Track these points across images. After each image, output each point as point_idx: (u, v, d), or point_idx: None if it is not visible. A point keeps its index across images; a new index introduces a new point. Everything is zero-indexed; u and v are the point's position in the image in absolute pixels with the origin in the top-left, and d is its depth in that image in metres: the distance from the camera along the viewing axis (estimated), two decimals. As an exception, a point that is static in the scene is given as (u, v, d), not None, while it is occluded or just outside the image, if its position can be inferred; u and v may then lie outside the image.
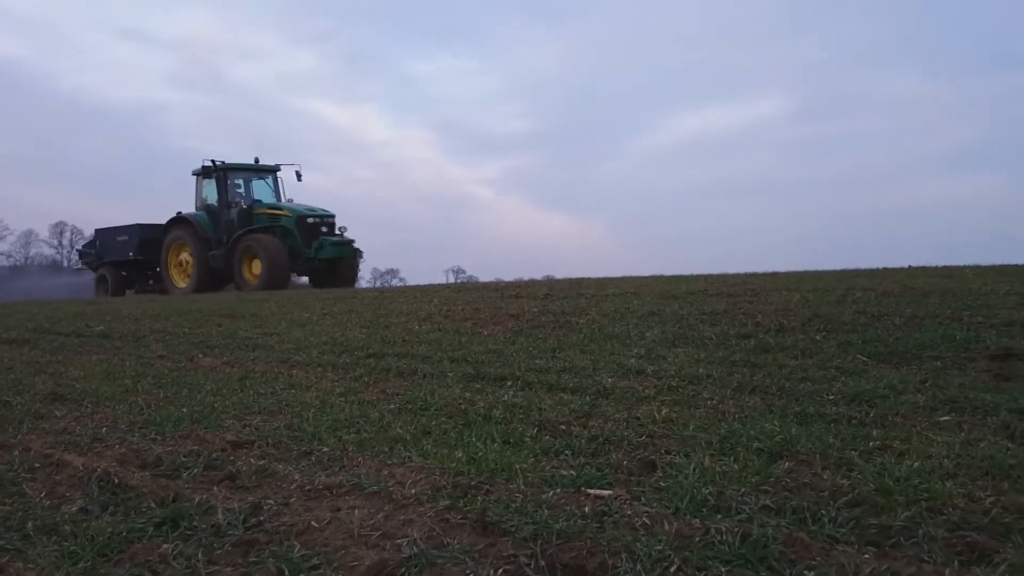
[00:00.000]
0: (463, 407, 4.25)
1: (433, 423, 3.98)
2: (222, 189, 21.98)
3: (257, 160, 22.85)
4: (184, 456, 3.51)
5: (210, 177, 22.11)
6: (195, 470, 3.31)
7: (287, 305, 11.21)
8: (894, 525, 2.28)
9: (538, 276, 19.66)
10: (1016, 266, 9.45)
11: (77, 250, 27.87)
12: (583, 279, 13.10)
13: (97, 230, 26.51)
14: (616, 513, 2.51)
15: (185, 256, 22.38)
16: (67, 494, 3.09)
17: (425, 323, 7.97)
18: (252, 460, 3.41)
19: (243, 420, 4.30)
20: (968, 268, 9.53)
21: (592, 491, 2.77)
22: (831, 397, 3.99)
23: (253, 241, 20.36)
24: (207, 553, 2.42)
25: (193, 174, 22.91)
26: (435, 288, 13.25)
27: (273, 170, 23.00)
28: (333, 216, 21.60)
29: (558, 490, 2.78)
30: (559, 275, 17.50)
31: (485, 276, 21.50)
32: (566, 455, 3.28)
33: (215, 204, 21.98)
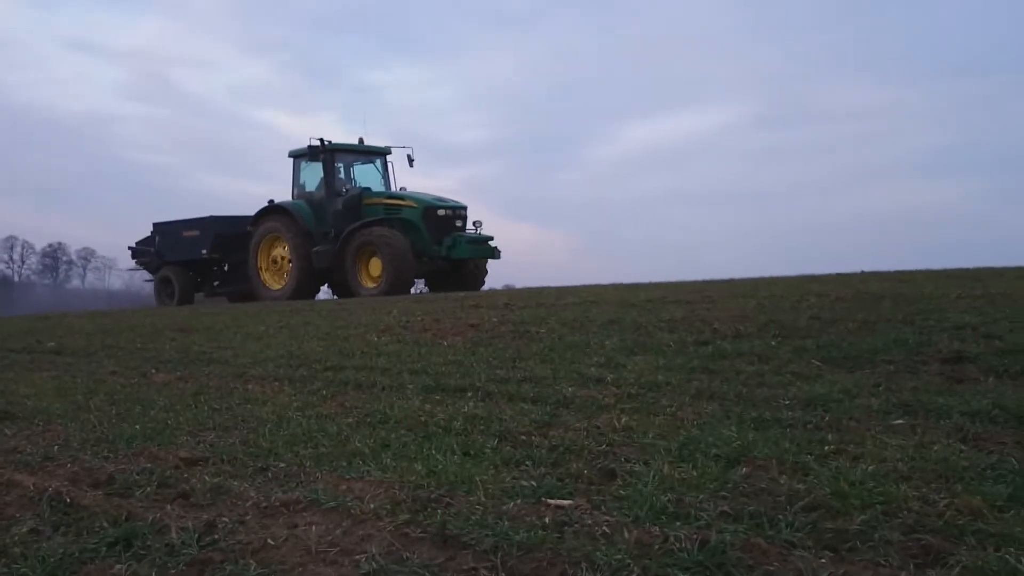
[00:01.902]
0: (423, 419, 4.23)
1: (392, 436, 3.95)
2: (329, 174, 18.24)
3: (361, 140, 18.95)
4: (137, 474, 3.44)
5: (316, 159, 18.32)
6: (148, 488, 3.24)
7: (242, 318, 11.07)
8: (850, 529, 2.31)
9: (498, 286, 19.68)
10: (967, 270, 9.66)
11: (131, 248, 22.80)
12: (543, 288, 13.13)
13: (156, 224, 22.08)
14: (576, 523, 2.50)
15: (279, 253, 18.58)
16: (17, 515, 3.01)
17: (384, 334, 7.92)
18: (206, 477, 3.35)
19: (197, 436, 4.23)
20: (920, 273, 9.72)
21: (552, 501, 2.76)
22: (787, 402, 4.03)
23: (373, 236, 16.53)
24: (161, 573, 2.37)
25: (290, 155, 19.23)
26: (394, 298, 13.19)
27: (383, 152, 19.25)
28: (466, 208, 17.84)
29: (519, 501, 2.78)
30: (519, 284, 17.61)
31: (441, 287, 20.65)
32: (527, 466, 3.27)
33: (318, 191, 18.37)
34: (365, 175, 19.06)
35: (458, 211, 17.49)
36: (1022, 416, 3.40)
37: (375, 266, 16.65)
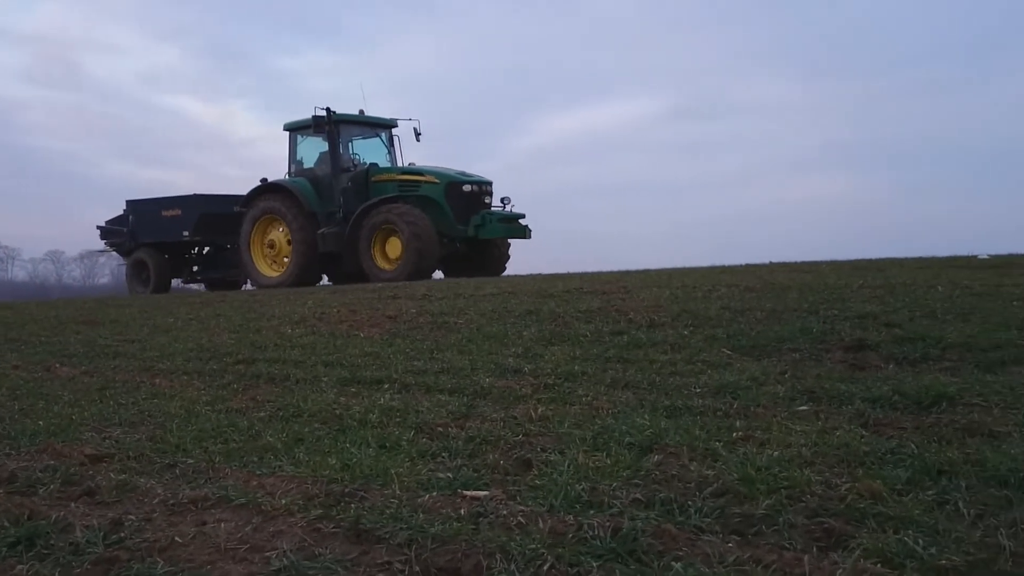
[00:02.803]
0: (338, 412, 4.18)
1: (306, 430, 3.89)
2: (335, 147, 16.32)
3: (362, 112, 17.01)
4: (40, 471, 3.31)
5: (320, 131, 16.32)
6: (52, 486, 3.13)
7: (150, 310, 10.75)
8: (756, 513, 2.38)
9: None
10: (869, 261, 10.02)
11: (100, 228, 20.49)
12: (461, 279, 13.10)
13: (130, 202, 19.94)
14: (492, 514, 2.51)
15: (277, 236, 16.72)
16: (-94, 520, 2.86)
17: (298, 326, 7.80)
18: (112, 474, 3.25)
19: (103, 432, 4.10)
20: (825, 264, 10.04)
21: (468, 493, 2.77)
22: (698, 390, 4.12)
23: (393, 215, 14.86)
24: (65, 573, 2.30)
25: (287, 129, 17.28)
26: (309, 290, 12.98)
27: (390, 125, 17.44)
28: (492, 183, 16.02)
29: (434, 493, 2.77)
30: (437, 275, 17.41)
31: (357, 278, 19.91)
32: (443, 457, 3.27)
33: (321, 168, 16.64)
34: (369, 150, 17.36)
35: (484, 186, 15.84)
36: (921, 402, 3.54)
37: (393, 247, 15.11)
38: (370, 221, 15.19)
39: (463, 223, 15.22)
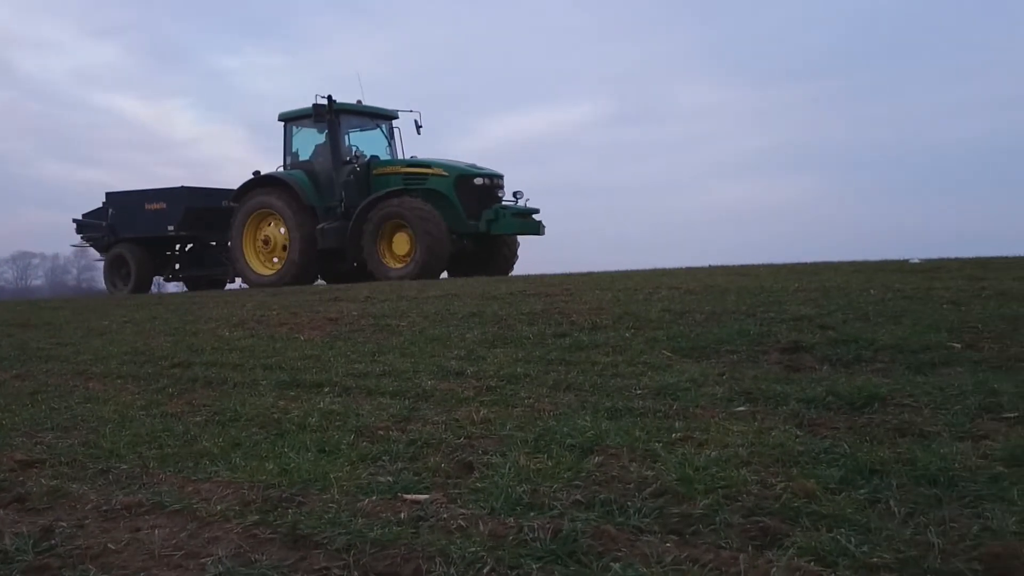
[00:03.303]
0: (276, 416, 4.12)
1: (243, 435, 3.83)
2: (336, 139, 15.45)
3: (359, 103, 16.10)
4: (-35, 480, 3.20)
5: (321, 121, 15.31)
6: (-21, 494, 3.03)
7: (84, 312, 10.48)
8: (694, 513, 2.41)
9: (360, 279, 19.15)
10: (804, 264, 10.22)
11: (76, 221, 19.17)
12: (405, 282, 13.03)
13: (110, 195, 18.62)
14: (433, 517, 2.50)
15: (271, 232, 15.73)
16: None
17: (237, 329, 7.67)
18: (43, 480, 3.16)
19: (34, 437, 3.98)
20: (762, 267, 10.23)
21: (409, 496, 2.75)
22: (639, 391, 4.16)
23: (403, 208, 14.00)
24: (-10, 585, 2.22)
25: (282, 119, 16.34)
26: (249, 292, 12.79)
27: (391, 116, 16.60)
28: (503, 177, 15.22)
29: (374, 498, 2.75)
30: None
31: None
32: (384, 461, 3.24)
33: (319, 159, 15.73)
34: (367, 142, 16.48)
35: (496, 179, 15.05)
36: (853, 402, 3.62)
37: (401, 244, 14.27)
38: (376, 216, 14.30)
39: (474, 218, 14.37)
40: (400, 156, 16.22)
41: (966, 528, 2.17)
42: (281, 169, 16.13)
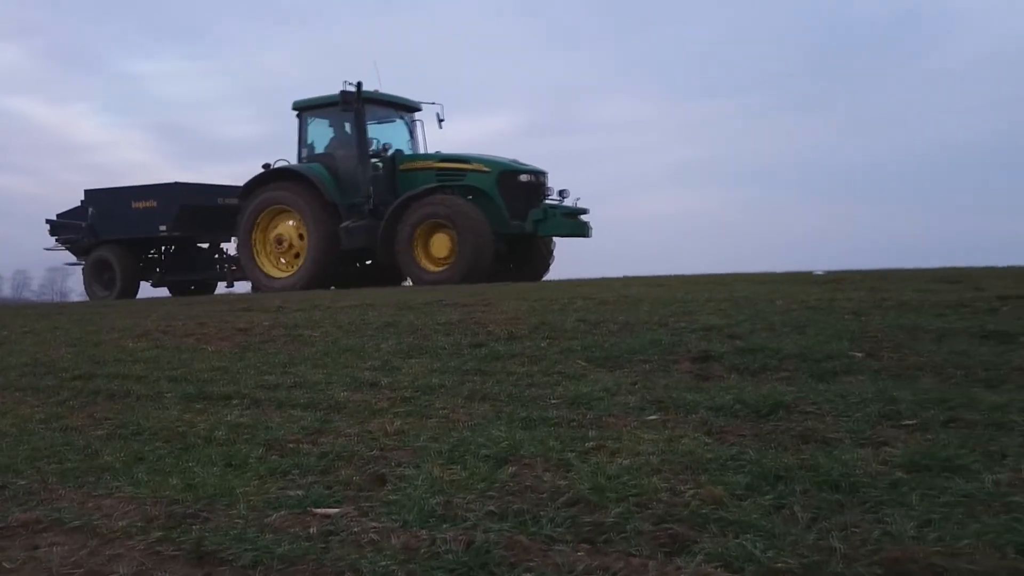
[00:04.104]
0: (181, 430, 4.00)
1: (147, 449, 3.71)
2: (362, 130, 14.14)
3: (376, 92, 14.75)
4: None
5: (349, 109, 13.93)
6: None
7: (-21, 323, 9.98)
8: (606, 521, 2.42)
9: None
10: (715, 275, 10.48)
11: (50, 222, 17.65)
12: (318, 291, 12.83)
13: (90, 192, 17.20)
14: (344, 531, 2.46)
15: (285, 231, 14.42)
16: None
17: (142, 340, 7.42)
18: (-67, 499, 3.00)
19: (-79, 455, 3.78)
20: (674, 278, 10.44)
21: (319, 510, 2.70)
22: (554, 401, 4.17)
23: (444, 207, 12.90)
24: None
25: (296, 107, 14.99)
26: (155, 301, 12.41)
27: (415, 108, 15.45)
28: (547, 174, 14.04)
29: (283, 512, 2.69)
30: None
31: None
32: (294, 475, 3.18)
33: (341, 152, 14.39)
34: (389, 135, 15.14)
35: (541, 176, 13.93)
36: (760, 410, 3.70)
37: (440, 245, 13.14)
38: (412, 215, 13.14)
39: (519, 218, 13.27)
40: (423, 151, 15.16)
41: (867, 533, 2.24)
42: (287, 162, 14.83)
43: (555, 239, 14.61)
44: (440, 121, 15.20)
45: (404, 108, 15.40)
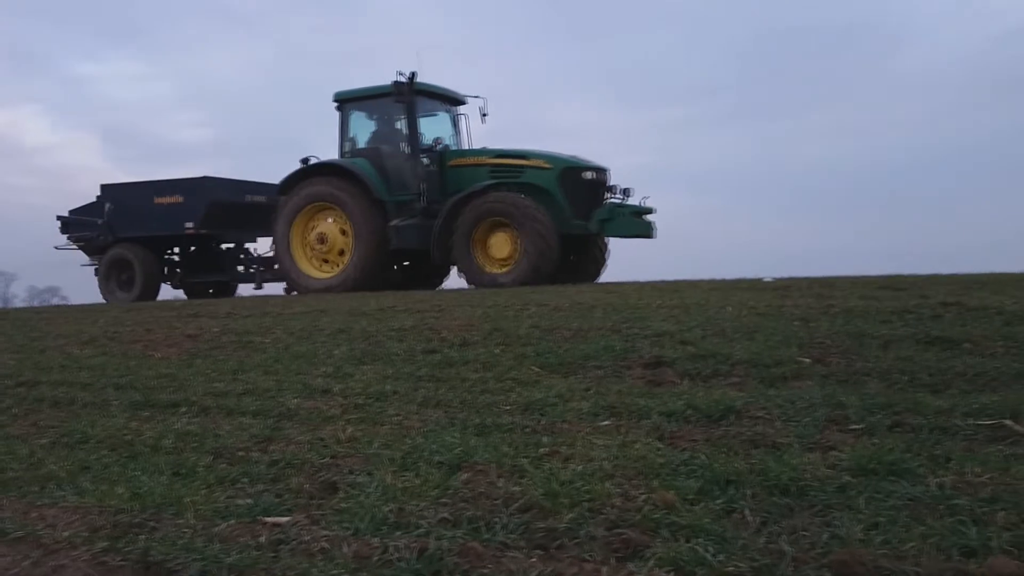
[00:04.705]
0: (128, 438, 3.91)
1: (93, 457, 3.63)
2: (413, 123, 13.45)
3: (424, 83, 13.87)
4: None
5: (401, 101, 13.22)
6: None
7: (-85, 329, 9.68)
8: (559, 527, 2.43)
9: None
10: (666, 282, 10.56)
11: (62, 219, 16.59)
12: (269, 297, 12.69)
13: (107, 187, 16.09)
14: (294, 540, 2.43)
15: (327, 229, 13.49)
16: None
17: (88, 346, 7.26)
18: None
19: None
20: (627, 284, 10.51)
21: (269, 519, 2.66)
22: (507, 407, 4.17)
23: (507, 205, 12.22)
24: None
25: (337, 99, 14.06)
26: (102, 307, 12.16)
27: (460, 101, 14.55)
28: (609, 171, 13.23)
29: (232, 521, 2.65)
30: (245, 292, 16.63)
31: (161, 295, 18.23)
32: (243, 483, 3.13)
33: (388, 146, 13.70)
34: (433, 129, 14.21)
35: (603, 174, 13.14)
36: (711, 415, 3.74)
37: (501, 245, 12.41)
38: (471, 213, 12.45)
39: (582, 217, 12.59)
40: (468, 146, 14.40)
41: (816, 536, 2.28)
42: (338, 157, 13.89)
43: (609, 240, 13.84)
44: (483, 116, 14.34)
45: (450, 101, 14.57)
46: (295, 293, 13.83)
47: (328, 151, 14.12)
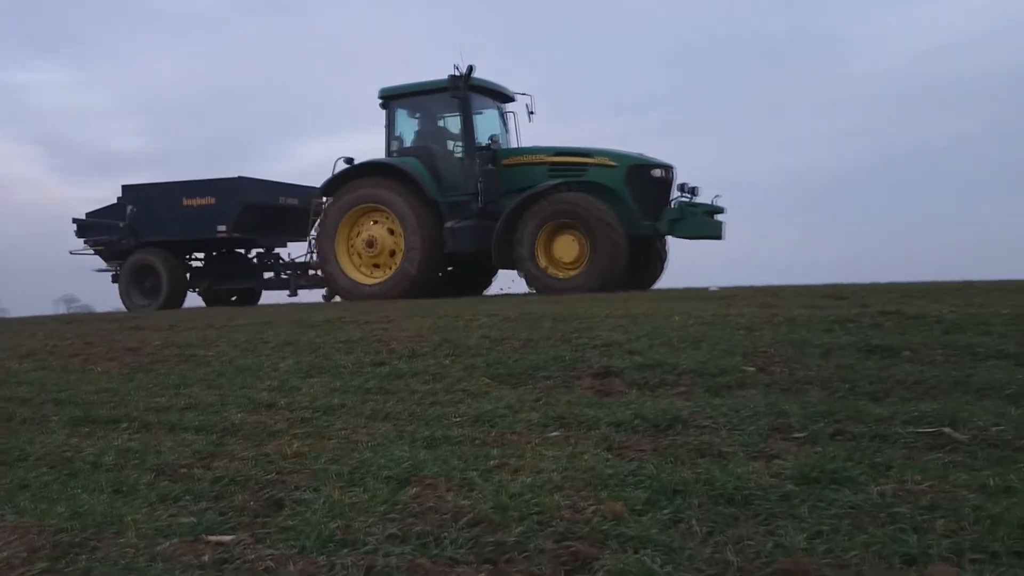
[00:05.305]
0: (68, 455, 3.82)
1: (31, 475, 3.53)
2: (469, 121, 12.86)
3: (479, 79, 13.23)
4: None
5: (457, 96, 12.60)
6: None
7: None
8: (508, 541, 2.42)
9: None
10: (613, 292, 10.64)
11: (78, 221, 15.64)
12: (214, 308, 12.48)
13: (129, 188, 15.27)
14: (238, 559, 2.39)
15: (376, 232, 12.86)
16: None
17: (26, 360, 7.06)
18: None
19: None
20: (575, 295, 10.55)
21: (213, 538, 2.61)
22: (457, 419, 4.16)
23: (576, 206, 11.61)
24: None
25: (382, 96, 13.47)
26: (40, 320, 11.85)
27: (509, 98, 13.95)
28: (675, 168, 12.68)
29: (175, 540, 2.59)
30: (190, 304, 16.31)
31: (102, 306, 17.61)
32: (186, 501, 3.07)
33: (437, 145, 13.19)
34: (483, 126, 13.46)
35: (671, 172, 12.53)
36: (658, 425, 3.78)
37: (567, 248, 11.78)
38: (535, 215, 11.85)
39: (651, 218, 12.06)
40: (516, 144, 13.80)
41: (761, 545, 2.31)
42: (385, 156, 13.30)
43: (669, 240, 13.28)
44: (530, 114, 13.85)
45: (499, 97, 13.94)
46: (337, 299, 13.43)
47: (268, 161, 14.04)
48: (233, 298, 16.19)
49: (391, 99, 13.59)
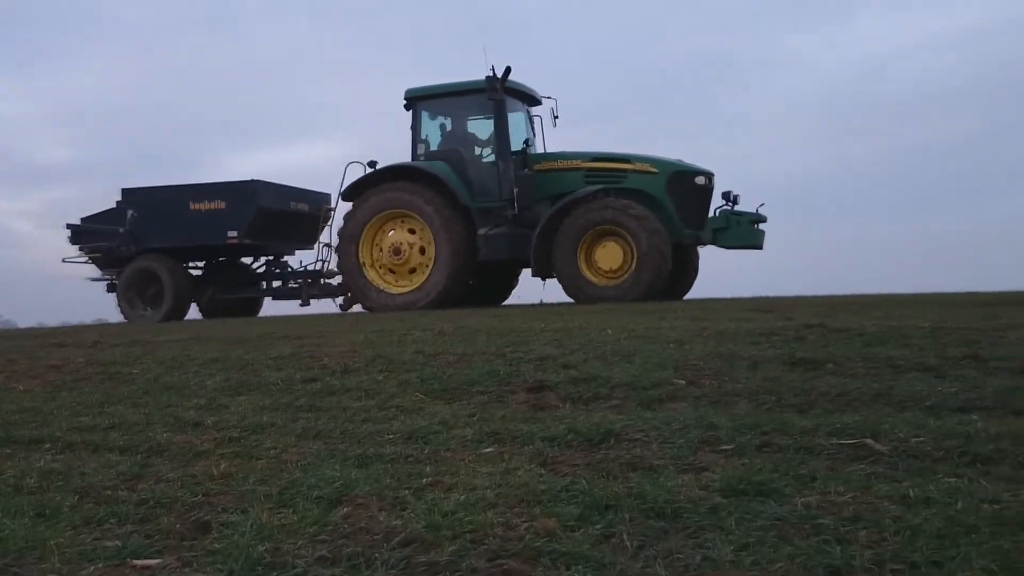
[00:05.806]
0: (-14, 478, 3.68)
1: (-55, 501, 3.39)
2: (503, 123, 12.44)
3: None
4: None
5: (493, 98, 12.22)
6: None
7: None
8: (441, 560, 2.42)
9: (88, 320, 17.28)
10: (549, 306, 10.73)
11: (72, 227, 14.88)
12: (138, 324, 12.18)
13: (128, 192, 14.57)
14: (165, 584, 2.33)
15: (403, 239, 12.43)
16: None
17: (-61, 380, 6.78)
18: None
19: None
20: (511, 308, 10.60)
21: (139, 562, 2.55)
22: (390, 436, 4.14)
23: (619, 213, 11.31)
24: None
25: (408, 97, 13.05)
26: (-45, 337, 11.39)
27: (537, 101, 13.62)
28: (714, 175, 12.39)
29: (100, 565, 2.52)
30: (115, 319, 15.87)
31: (25, 321, 16.97)
32: (111, 524, 2.98)
33: (465, 149, 12.81)
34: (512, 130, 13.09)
35: (712, 179, 12.25)
36: (592, 439, 3.81)
37: (609, 256, 11.47)
38: (576, 221, 11.55)
39: (693, 226, 11.93)
40: (543, 149, 13.57)
41: (689, 559, 2.35)
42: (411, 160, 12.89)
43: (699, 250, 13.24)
44: (555, 117, 13.57)
45: (529, 100, 13.55)
46: (357, 308, 13.07)
47: (203, 169, 13.75)
48: (222, 308, 15.46)
49: (416, 101, 13.22)
